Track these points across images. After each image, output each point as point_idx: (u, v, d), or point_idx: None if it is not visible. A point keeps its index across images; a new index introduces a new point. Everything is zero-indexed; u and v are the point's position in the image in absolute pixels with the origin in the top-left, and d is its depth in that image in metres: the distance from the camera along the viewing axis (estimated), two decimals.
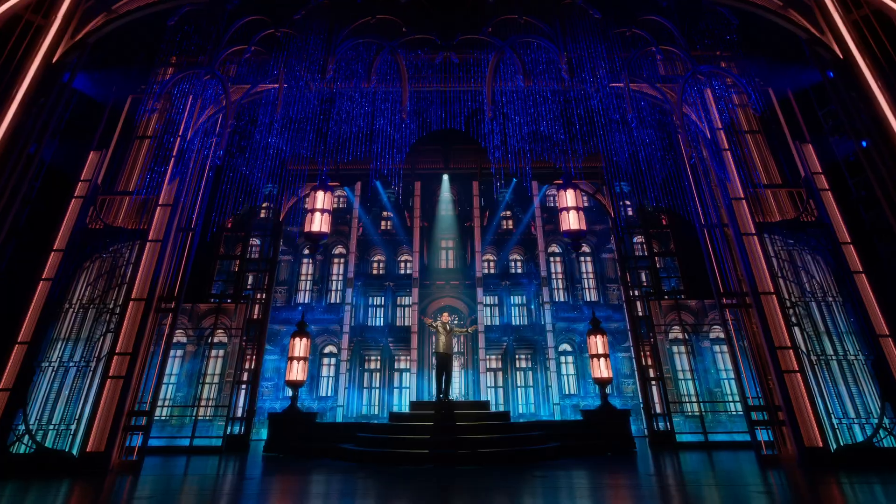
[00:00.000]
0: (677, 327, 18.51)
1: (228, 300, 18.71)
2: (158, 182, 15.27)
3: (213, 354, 18.48)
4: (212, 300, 18.76)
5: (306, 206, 16.87)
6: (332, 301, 22.77)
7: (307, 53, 16.84)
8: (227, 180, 16.21)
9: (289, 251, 22.59)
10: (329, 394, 21.77)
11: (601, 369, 16.40)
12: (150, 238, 14.91)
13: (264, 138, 15.97)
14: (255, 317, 18.96)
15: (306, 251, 22.55)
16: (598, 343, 16.63)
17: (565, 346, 22.41)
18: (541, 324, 22.20)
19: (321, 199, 16.69)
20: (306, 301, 22.69)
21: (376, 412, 21.75)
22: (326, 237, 17.06)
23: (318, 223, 16.55)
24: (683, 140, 16.01)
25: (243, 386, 18.31)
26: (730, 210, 15.00)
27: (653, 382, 18.26)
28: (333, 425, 17.14)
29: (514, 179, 18.60)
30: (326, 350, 22.33)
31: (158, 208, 15.19)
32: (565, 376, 22.11)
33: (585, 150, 16.58)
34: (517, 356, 22.35)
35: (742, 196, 15.06)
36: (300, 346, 16.71)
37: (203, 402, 17.91)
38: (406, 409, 17.03)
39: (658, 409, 18.04)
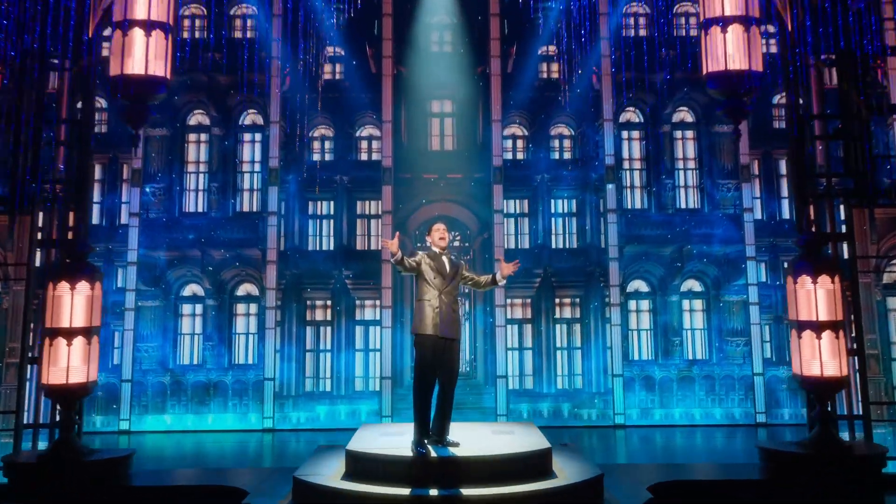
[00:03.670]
0: None
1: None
2: None
3: None
4: None
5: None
6: (245, 209, 13.79)
7: None
8: None
9: (163, 120, 12.88)
10: (250, 361, 13.52)
11: (823, 357, 7.17)
12: None
13: None
14: (69, 237, 9.75)
15: (191, 120, 12.98)
16: (815, 293, 7.23)
17: (638, 285, 14.03)
18: (600, 246, 13.62)
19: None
20: (201, 209, 13.54)
21: (327, 388, 13.70)
22: (164, 89, 7.89)
23: (141, 56, 7.54)
24: None
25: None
26: None
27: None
28: (166, 492, 7.54)
29: None
30: (240, 291, 13.83)
31: None
32: (635, 332, 13.80)
33: None
34: (557, 300, 13.95)
35: None
36: (75, 304, 7.46)
37: None
38: (346, 468, 6.72)
39: (847, 409, 9.80)
